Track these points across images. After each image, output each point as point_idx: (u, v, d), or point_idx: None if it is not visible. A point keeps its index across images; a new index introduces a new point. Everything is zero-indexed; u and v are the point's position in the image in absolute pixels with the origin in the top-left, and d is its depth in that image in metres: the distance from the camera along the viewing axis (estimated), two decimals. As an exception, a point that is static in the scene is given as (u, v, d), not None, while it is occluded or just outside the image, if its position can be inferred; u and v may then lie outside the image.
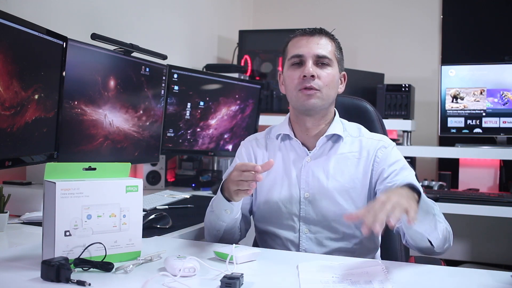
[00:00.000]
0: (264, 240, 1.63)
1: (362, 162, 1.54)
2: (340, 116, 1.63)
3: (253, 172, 1.31)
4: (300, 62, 1.52)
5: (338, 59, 1.57)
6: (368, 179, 1.54)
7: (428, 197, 1.37)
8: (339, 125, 1.59)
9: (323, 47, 1.53)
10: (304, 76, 1.49)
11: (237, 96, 2.70)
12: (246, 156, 1.65)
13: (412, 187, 1.29)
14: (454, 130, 3.05)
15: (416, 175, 1.57)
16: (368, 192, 1.54)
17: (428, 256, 1.44)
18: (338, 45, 1.59)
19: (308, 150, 1.58)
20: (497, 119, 2.97)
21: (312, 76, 1.49)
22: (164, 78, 2.33)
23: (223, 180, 1.46)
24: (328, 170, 1.54)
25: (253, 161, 1.63)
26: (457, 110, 3.03)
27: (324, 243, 1.54)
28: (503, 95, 2.96)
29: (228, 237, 1.55)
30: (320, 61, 1.51)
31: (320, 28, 1.57)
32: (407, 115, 3.02)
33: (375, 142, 1.57)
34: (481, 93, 3.00)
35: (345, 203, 1.52)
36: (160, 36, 2.83)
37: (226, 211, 1.46)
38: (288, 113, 1.64)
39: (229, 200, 1.43)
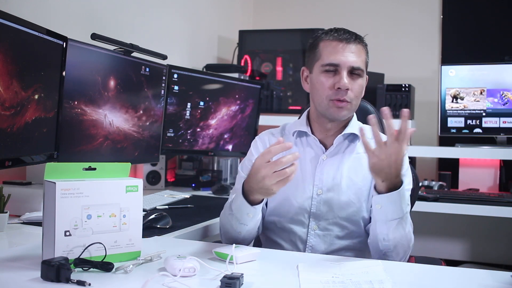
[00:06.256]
0: (270, 233, 1.62)
1: None
2: None
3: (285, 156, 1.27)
4: (334, 70, 1.51)
5: (366, 65, 1.58)
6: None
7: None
8: (357, 124, 1.60)
9: (358, 56, 1.52)
10: (339, 88, 1.49)
11: (237, 96, 2.69)
12: (262, 149, 1.60)
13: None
14: (454, 130, 3.05)
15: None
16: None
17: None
18: (367, 49, 1.59)
19: (325, 147, 1.59)
20: (497, 119, 2.97)
21: (347, 89, 1.49)
22: (164, 78, 2.33)
23: (243, 181, 1.40)
24: (342, 168, 1.56)
25: None
26: (457, 110, 3.03)
27: (332, 240, 1.54)
28: (503, 95, 2.96)
29: (249, 236, 1.52)
30: (354, 72, 1.51)
31: (356, 34, 1.55)
32: (407, 115, 3.01)
33: None
34: (481, 93, 3.00)
35: (357, 203, 1.53)
36: (160, 36, 2.83)
37: (248, 215, 1.43)
38: (306, 111, 1.64)
39: (252, 204, 1.39)
